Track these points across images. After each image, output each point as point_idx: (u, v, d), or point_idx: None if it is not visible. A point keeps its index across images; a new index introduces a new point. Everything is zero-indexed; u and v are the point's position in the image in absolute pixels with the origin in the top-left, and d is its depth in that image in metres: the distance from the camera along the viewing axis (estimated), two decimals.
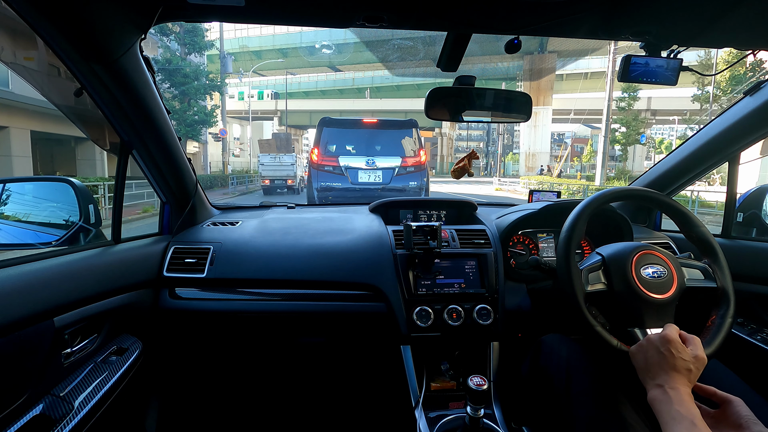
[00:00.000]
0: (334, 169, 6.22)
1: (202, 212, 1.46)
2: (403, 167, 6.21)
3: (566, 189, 15.46)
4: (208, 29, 17.86)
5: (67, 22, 0.77)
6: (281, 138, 16.61)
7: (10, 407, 0.74)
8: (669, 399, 0.66)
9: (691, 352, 0.71)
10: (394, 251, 1.23)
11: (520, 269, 1.32)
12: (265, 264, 1.21)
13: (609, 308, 0.91)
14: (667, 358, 0.70)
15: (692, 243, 0.95)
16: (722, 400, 0.76)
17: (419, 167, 6.23)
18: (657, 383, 0.69)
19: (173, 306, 1.19)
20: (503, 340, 1.21)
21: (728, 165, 1.28)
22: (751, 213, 1.38)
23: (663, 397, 0.67)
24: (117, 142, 1.09)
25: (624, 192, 1.00)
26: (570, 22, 0.89)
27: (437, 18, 0.88)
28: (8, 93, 9.09)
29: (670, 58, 0.93)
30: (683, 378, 0.69)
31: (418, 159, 6.25)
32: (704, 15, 0.82)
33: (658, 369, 0.71)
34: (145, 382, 1.14)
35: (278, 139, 16.25)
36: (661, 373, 0.70)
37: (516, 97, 1.15)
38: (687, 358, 0.70)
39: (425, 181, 6.24)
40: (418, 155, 6.28)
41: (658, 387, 0.69)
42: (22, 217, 1.27)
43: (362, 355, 1.39)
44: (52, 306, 0.83)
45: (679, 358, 0.70)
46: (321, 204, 1.99)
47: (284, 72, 34.57)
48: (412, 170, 6.23)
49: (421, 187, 6.20)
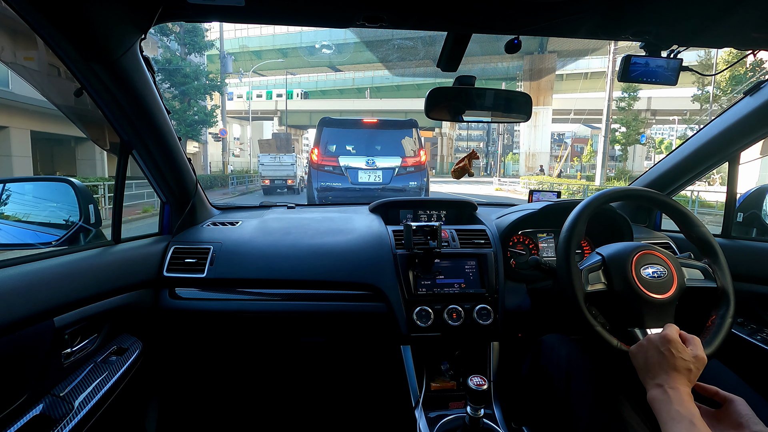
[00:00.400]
0: (334, 169, 6.21)
1: (202, 212, 1.46)
2: (403, 167, 6.20)
3: (566, 189, 15.46)
4: (208, 29, 17.88)
5: (67, 22, 0.77)
6: (281, 138, 16.68)
7: (10, 407, 0.74)
8: (669, 399, 0.66)
9: (691, 352, 0.71)
10: (394, 251, 1.23)
11: (520, 269, 1.32)
12: (265, 264, 1.21)
13: (609, 308, 0.91)
14: (667, 357, 0.70)
15: (692, 243, 0.95)
16: (724, 399, 0.76)
17: (419, 167, 6.23)
18: (657, 383, 0.69)
19: (173, 306, 1.19)
20: (503, 340, 1.21)
21: (728, 165, 1.28)
22: (751, 213, 1.38)
23: (663, 397, 0.67)
24: (117, 142, 1.09)
25: (624, 192, 1.00)
26: (570, 22, 0.89)
27: (437, 18, 0.88)
28: (8, 93, 9.09)
29: (670, 58, 0.93)
30: (683, 378, 0.69)
31: (418, 159, 6.23)
32: (704, 15, 0.82)
33: (658, 369, 0.71)
34: (145, 382, 1.14)
35: (278, 139, 16.30)
36: (661, 372, 0.70)
37: (516, 97, 1.14)
38: (687, 358, 0.70)
39: (425, 181, 6.23)
40: (418, 155, 6.26)
41: (657, 387, 0.69)
42: (22, 217, 1.27)
43: (362, 355, 1.39)
44: (52, 306, 0.83)
45: (679, 357, 0.70)
46: (321, 204, 1.99)
47: (284, 72, 34.59)
48: (412, 170, 6.22)
49: (421, 187, 6.19)
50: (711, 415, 0.76)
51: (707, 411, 0.76)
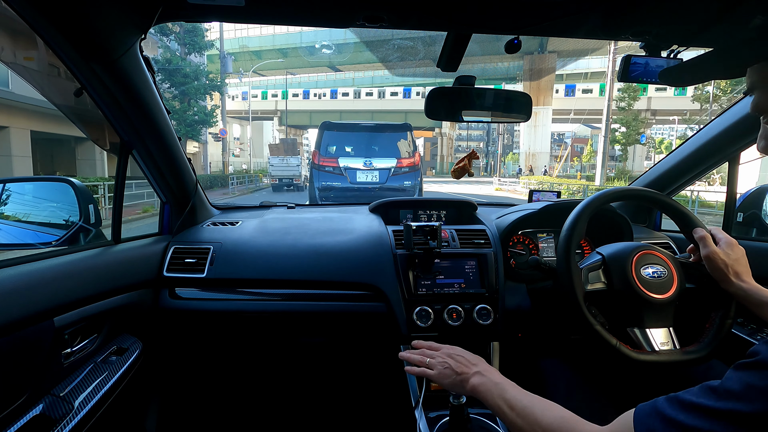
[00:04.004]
0: (334, 170, 6.78)
1: (202, 212, 1.46)
2: (398, 167, 6.82)
3: (566, 189, 15.47)
4: (208, 29, 17.98)
5: (67, 22, 0.77)
6: (288, 142, 19.50)
7: (10, 407, 0.74)
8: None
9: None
10: (394, 251, 1.23)
11: (520, 269, 1.32)
12: (265, 264, 1.21)
13: (609, 308, 0.91)
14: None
15: (692, 243, 0.95)
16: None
17: (413, 168, 6.86)
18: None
19: (173, 306, 1.19)
20: (503, 340, 1.21)
21: (728, 165, 1.28)
22: (751, 213, 1.38)
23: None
24: (117, 142, 1.09)
25: (624, 192, 1.00)
26: (570, 22, 0.89)
27: (437, 18, 0.88)
28: (8, 93, 9.09)
29: (670, 58, 0.93)
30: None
31: (412, 160, 6.88)
32: (704, 15, 0.82)
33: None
34: (145, 382, 1.14)
35: (285, 144, 19.01)
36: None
37: (516, 97, 1.14)
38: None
39: (419, 181, 6.84)
40: (412, 156, 6.89)
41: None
42: (22, 217, 1.27)
43: (362, 355, 1.39)
44: (52, 306, 0.83)
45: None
46: (321, 204, 1.99)
47: (284, 72, 34.57)
48: (407, 170, 6.85)
49: (415, 186, 6.79)
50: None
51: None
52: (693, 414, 0.44)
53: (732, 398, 0.42)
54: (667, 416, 0.46)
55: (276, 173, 17.21)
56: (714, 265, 0.84)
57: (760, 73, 0.58)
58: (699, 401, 0.45)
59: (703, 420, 0.43)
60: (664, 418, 0.46)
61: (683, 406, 0.46)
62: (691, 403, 0.45)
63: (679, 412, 0.45)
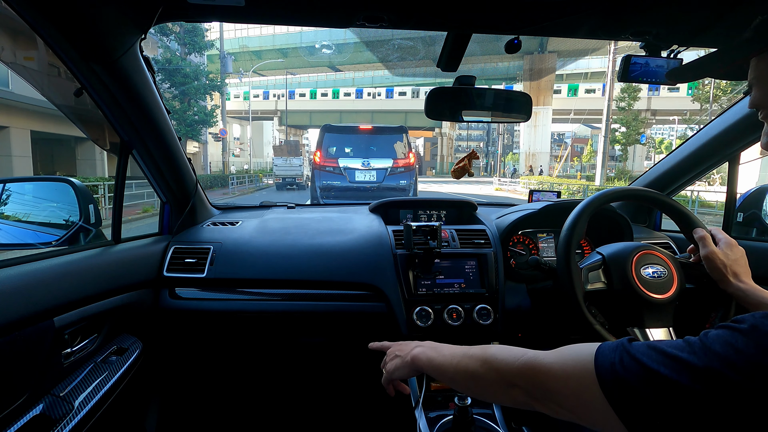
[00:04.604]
0: (334, 170, 7.29)
1: (202, 212, 1.46)
2: (394, 167, 7.35)
3: (566, 189, 15.47)
4: (208, 29, 18.04)
5: (67, 22, 0.77)
6: (291, 144, 20.79)
7: (10, 407, 0.74)
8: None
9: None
10: (394, 251, 1.23)
11: (520, 269, 1.32)
12: (265, 264, 1.21)
13: (609, 307, 0.91)
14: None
15: (692, 243, 0.95)
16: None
17: (408, 168, 7.40)
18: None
19: (173, 306, 1.19)
20: (503, 340, 1.21)
21: (728, 165, 1.28)
22: (751, 213, 1.38)
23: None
24: (117, 142, 1.09)
25: (624, 192, 1.00)
26: (570, 22, 0.89)
27: (437, 18, 0.88)
28: (8, 93, 9.09)
29: (670, 58, 0.93)
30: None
31: (408, 161, 7.42)
32: (704, 15, 0.82)
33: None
34: (145, 382, 1.14)
35: (289, 145, 20.20)
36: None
37: (516, 97, 1.14)
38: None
39: (414, 180, 7.41)
40: (408, 158, 7.45)
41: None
42: (22, 217, 1.27)
43: (362, 355, 1.38)
44: (52, 306, 0.83)
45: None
46: (321, 204, 2.00)
47: (284, 72, 34.57)
48: (402, 170, 7.40)
49: (410, 185, 7.35)
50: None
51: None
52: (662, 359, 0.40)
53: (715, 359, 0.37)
54: (632, 353, 0.42)
55: (280, 173, 18.54)
56: (713, 266, 0.84)
57: (756, 69, 0.58)
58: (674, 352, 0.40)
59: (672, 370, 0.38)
60: (628, 353, 0.42)
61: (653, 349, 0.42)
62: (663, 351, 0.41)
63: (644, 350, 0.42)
